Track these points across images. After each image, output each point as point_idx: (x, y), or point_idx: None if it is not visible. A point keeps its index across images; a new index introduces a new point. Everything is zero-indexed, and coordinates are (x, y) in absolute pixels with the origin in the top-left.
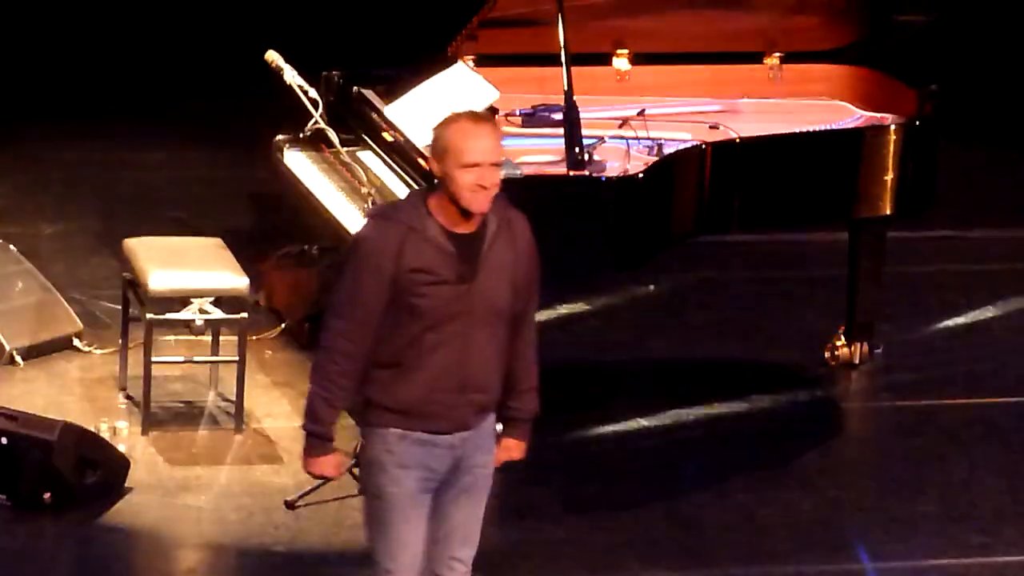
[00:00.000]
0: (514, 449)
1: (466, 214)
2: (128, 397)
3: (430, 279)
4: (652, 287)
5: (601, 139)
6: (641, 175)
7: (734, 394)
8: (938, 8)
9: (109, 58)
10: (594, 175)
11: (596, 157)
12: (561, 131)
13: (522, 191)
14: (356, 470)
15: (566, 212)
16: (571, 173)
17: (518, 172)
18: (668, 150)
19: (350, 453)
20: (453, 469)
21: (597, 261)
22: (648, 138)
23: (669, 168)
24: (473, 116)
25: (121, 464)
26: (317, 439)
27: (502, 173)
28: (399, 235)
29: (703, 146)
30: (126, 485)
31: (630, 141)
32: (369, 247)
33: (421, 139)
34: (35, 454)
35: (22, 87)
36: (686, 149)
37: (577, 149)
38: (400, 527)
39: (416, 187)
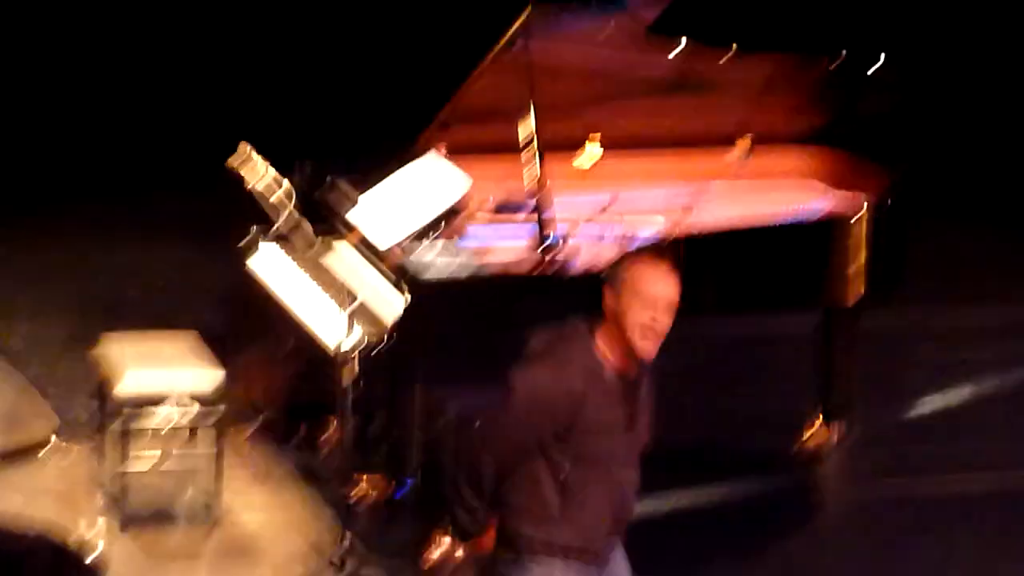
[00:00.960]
0: None
1: (633, 355)
2: (106, 494)
3: (606, 428)
4: None
5: (572, 231)
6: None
7: (711, 481)
8: (905, 89)
9: (81, 155)
10: (564, 268)
11: (567, 248)
12: (534, 220)
13: (494, 283)
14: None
15: (537, 305)
16: (540, 267)
17: (490, 266)
18: (642, 239)
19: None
20: None
21: None
22: (621, 227)
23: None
24: (656, 253)
25: (96, 569)
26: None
27: (473, 268)
28: (581, 383)
29: (675, 236)
30: None
31: (603, 231)
32: (546, 394)
33: (394, 230)
34: (10, 558)
35: None
36: (660, 238)
37: (549, 239)
38: None
39: (388, 278)
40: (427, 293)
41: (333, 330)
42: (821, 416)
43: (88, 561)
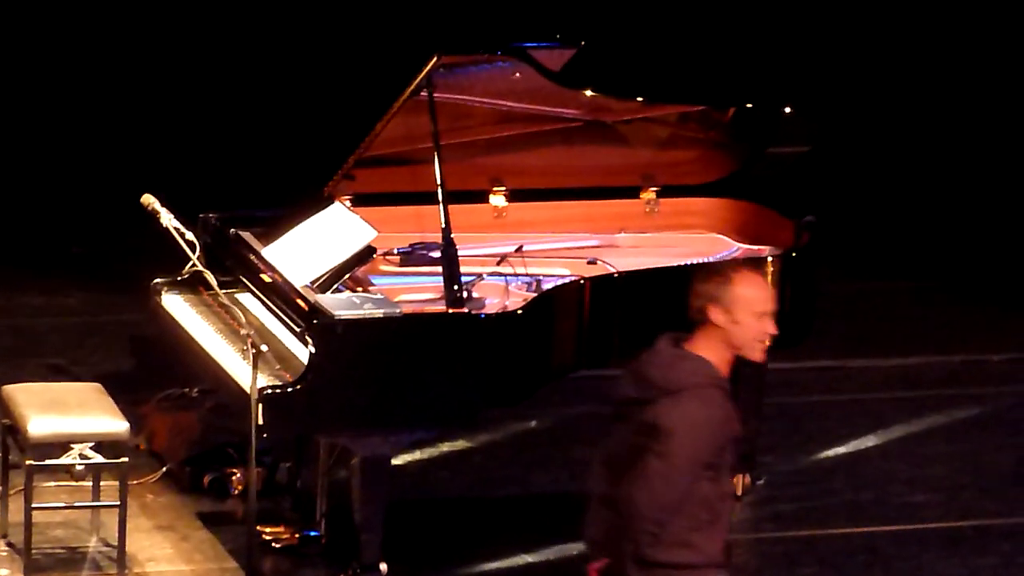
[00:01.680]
0: None
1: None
2: (9, 544)
3: (734, 439)
4: (534, 423)
5: (480, 276)
6: (520, 311)
7: None
8: (812, 141)
9: None
10: (473, 312)
11: (475, 294)
12: (440, 269)
13: (402, 329)
14: None
15: (446, 350)
16: (450, 311)
17: (398, 311)
18: (547, 286)
19: None
20: None
21: (479, 398)
22: (526, 274)
23: (548, 304)
24: (755, 265)
25: None
26: None
27: (381, 312)
28: (727, 404)
29: (581, 281)
30: None
31: (508, 278)
32: (715, 424)
33: (299, 280)
34: None
35: None
36: (564, 284)
37: (456, 287)
38: None
39: (293, 327)
40: (333, 338)
41: (241, 376)
42: None
43: None
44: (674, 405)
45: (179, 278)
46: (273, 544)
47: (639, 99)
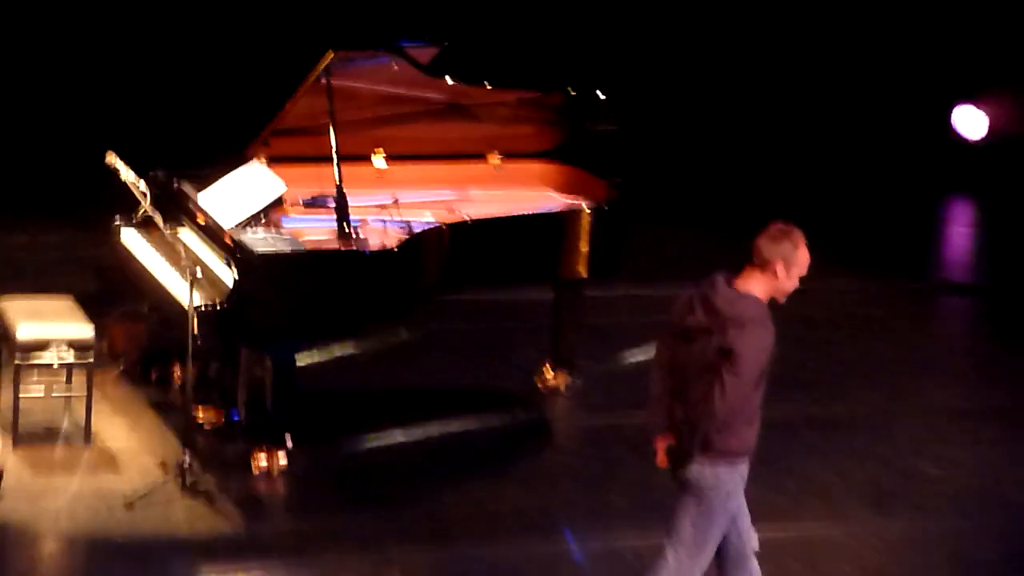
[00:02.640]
0: None
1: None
2: (1, 422)
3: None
4: (405, 333)
5: (364, 221)
6: (396, 248)
7: (469, 413)
8: (619, 120)
9: None
10: (359, 249)
11: (361, 235)
12: (333, 215)
13: (305, 262)
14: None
15: (339, 278)
16: (342, 248)
17: (302, 247)
18: (416, 229)
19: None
20: None
21: (363, 315)
22: (401, 220)
23: (417, 242)
24: (805, 240)
25: None
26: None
27: (289, 249)
28: (773, 331)
29: (442, 226)
30: None
31: (387, 222)
32: (768, 347)
33: (227, 222)
34: None
35: None
36: (430, 228)
37: (347, 228)
38: (720, 536)
39: (224, 262)
40: (251, 268)
41: (181, 295)
42: (553, 365)
43: None
44: (742, 334)
45: (134, 220)
46: (204, 425)
47: (488, 86)
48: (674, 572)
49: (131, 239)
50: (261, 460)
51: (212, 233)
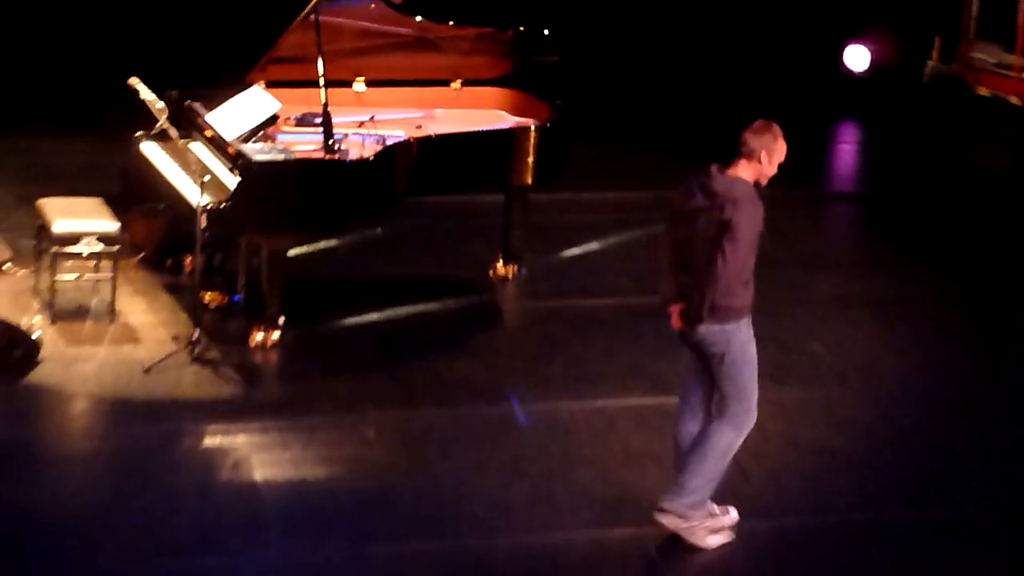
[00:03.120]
0: None
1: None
2: (41, 302)
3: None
4: (379, 230)
5: (346, 135)
6: (372, 158)
7: (432, 298)
8: (561, 52)
9: (23, 83)
10: (341, 158)
11: (343, 147)
12: (320, 130)
13: (296, 168)
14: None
15: (324, 183)
16: (326, 157)
17: (293, 156)
18: (390, 142)
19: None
20: None
21: (344, 214)
22: (377, 134)
23: (390, 154)
24: (782, 136)
25: (36, 345)
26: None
27: (283, 157)
28: (761, 206)
29: (411, 140)
30: (39, 359)
31: (365, 136)
32: (759, 218)
33: (230, 135)
34: None
35: None
36: (401, 142)
37: (331, 141)
38: (754, 377)
39: (228, 169)
40: (251, 173)
41: (192, 196)
42: (503, 258)
43: (34, 337)
44: (738, 210)
45: (152, 132)
46: (210, 306)
47: (451, 23)
48: (722, 420)
49: (150, 149)
50: (257, 335)
51: (218, 144)
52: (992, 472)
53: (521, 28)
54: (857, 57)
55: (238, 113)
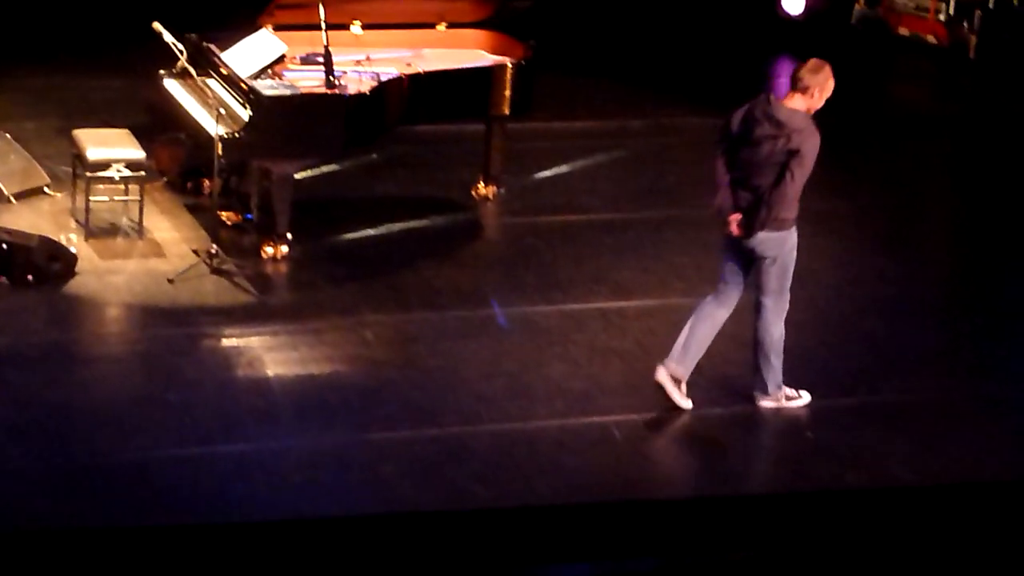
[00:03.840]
0: None
1: None
2: (77, 221)
3: None
4: (375, 156)
5: (345, 72)
6: (368, 92)
7: (421, 215)
8: None
9: (60, 25)
10: (341, 93)
11: (343, 82)
12: (322, 68)
13: (301, 101)
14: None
15: (325, 115)
16: (328, 92)
17: (299, 91)
18: (384, 79)
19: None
20: None
21: (345, 141)
22: (372, 72)
23: (383, 89)
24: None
25: (73, 258)
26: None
27: (289, 92)
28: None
29: (402, 76)
30: (76, 270)
31: (362, 73)
32: (818, 146)
33: (243, 72)
34: (23, 253)
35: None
36: (393, 78)
37: (332, 78)
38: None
39: (239, 99)
40: (262, 106)
41: (209, 127)
42: (484, 179)
43: (72, 251)
44: (804, 139)
45: (174, 71)
46: (227, 222)
47: None
48: (771, 312)
49: (172, 86)
50: (268, 249)
51: (232, 81)
52: (913, 364)
53: None
54: (793, 2)
55: (249, 53)
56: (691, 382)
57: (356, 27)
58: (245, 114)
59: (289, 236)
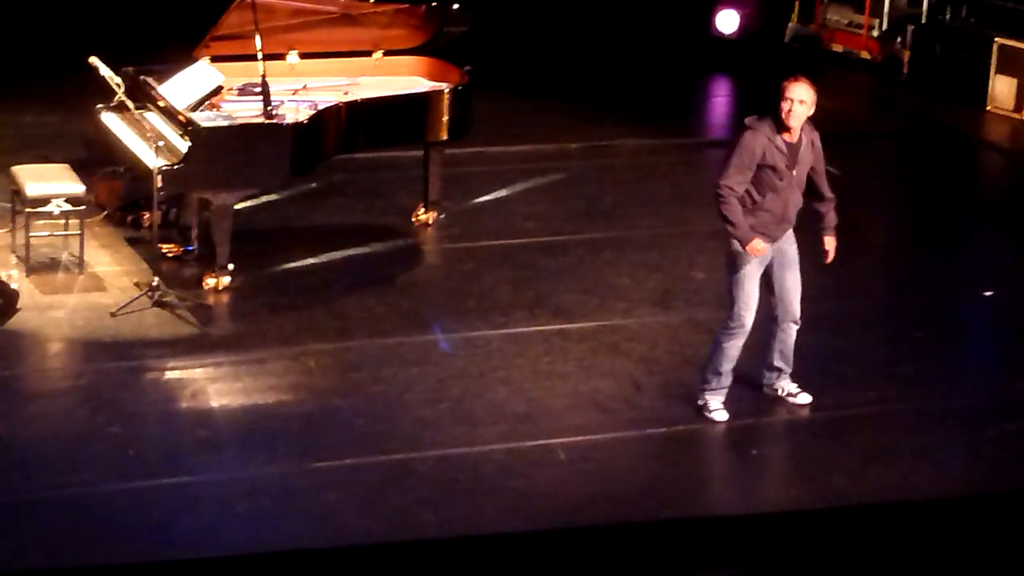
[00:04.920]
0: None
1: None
2: (17, 256)
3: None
4: (314, 184)
5: (282, 102)
6: (306, 121)
7: (362, 243)
8: (468, 24)
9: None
10: (278, 122)
11: (280, 111)
12: (259, 98)
13: (239, 132)
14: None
15: (264, 144)
16: (266, 121)
17: (237, 122)
18: (321, 107)
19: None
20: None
21: (282, 170)
22: (309, 100)
23: (321, 117)
24: (796, 77)
25: (14, 294)
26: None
27: (226, 123)
28: (762, 145)
29: (339, 104)
30: (17, 307)
31: (299, 103)
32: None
33: (180, 104)
34: None
35: None
36: (330, 106)
37: (269, 108)
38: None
39: (179, 135)
40: (199, 137)
41: (148, 159)
42: (423, 205)
43: (12, 287)
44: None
45: (111, 105)
46: (168, 255)
47: (371, 1)
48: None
49: (109, 119)
50: (210, 280)
51: (170, 113)
52: (849, 375)
53: (433, 3)
54: (727, 21)
55: (187, 85)
56: (633, 402)
57: (293, 56)
58: (183, 146)
59: (230, 267)
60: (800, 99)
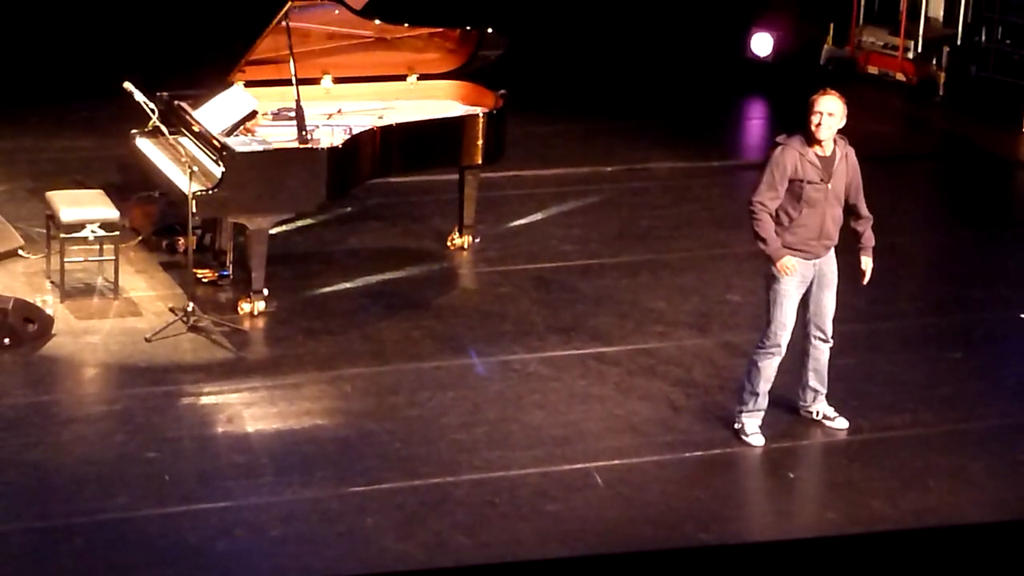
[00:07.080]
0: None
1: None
2: (52, 282)
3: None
4: (349, 208)
5: (317, 127)
6: (341, 145)
7: (397, 267)
8: (503, 48)
9: (32, 82)
10: (314, 146)
11: (315, 136)
12: (294, 123)
13: (275, 156)
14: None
15: (299, 169)
16: (300, 146)
17: (272, 146)
18: (356, 131)
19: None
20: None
21: (317, 194)
22: (344, 124)
23: (356, 141)
24: (824, 90)
25: (49, 319)
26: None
27: (261, 148)
28: (795, 159)
29: (374, 128)
30: (52, 332)
31: (334, 127)
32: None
33: (215, 129)
34: None
35: None
36: (365, 130)
37: (304, 132)
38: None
39: (212, 156)
40: (234, 162)
41: (182, 184)
42: (458, 229)
43: (47, 312)
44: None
45: (146, 130)
46: (203, 279)
47: (406, 25)
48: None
49: (144, 144)
50: (245, 305)
51: (204, 138)
52: (886, 396)
53: (468, 27)
54: (762, 43)
55: (221, 110)
56: (670, 425)
57: (327, 80)
58: (218, 171)
59: (265, 291)
60: (829, 111)
